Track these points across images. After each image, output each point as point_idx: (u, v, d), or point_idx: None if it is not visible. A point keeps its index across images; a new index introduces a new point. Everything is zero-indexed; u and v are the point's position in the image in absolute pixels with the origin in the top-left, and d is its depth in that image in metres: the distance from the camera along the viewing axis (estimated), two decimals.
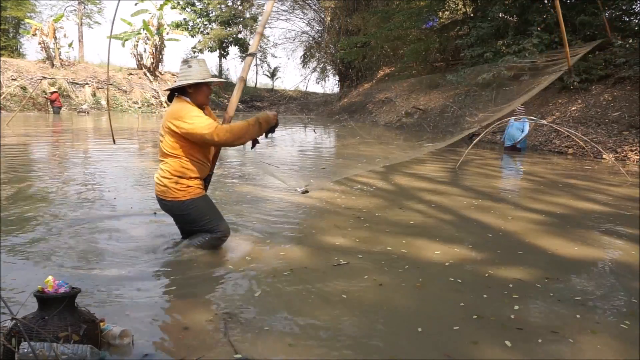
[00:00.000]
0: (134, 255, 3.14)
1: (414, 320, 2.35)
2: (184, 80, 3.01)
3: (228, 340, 2.08)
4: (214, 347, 2.04)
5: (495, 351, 2.09)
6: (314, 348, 2.08)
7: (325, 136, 15.90)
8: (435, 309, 2.52)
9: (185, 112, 2.95)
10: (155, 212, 4.12)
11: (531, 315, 2.44)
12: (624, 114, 10.27)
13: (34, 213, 4.10)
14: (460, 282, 2.84)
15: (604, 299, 2.71)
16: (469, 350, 2.10)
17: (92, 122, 17.18)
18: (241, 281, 2.80)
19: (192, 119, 2.90)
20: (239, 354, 1.97)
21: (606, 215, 4.74)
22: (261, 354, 2.02)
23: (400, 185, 6.13)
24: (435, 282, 2.87)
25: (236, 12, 32.07)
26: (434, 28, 20.01)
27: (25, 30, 28.76)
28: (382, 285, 2.76)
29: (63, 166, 7.05)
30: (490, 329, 2.27)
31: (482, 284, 2.83)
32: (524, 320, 2.36)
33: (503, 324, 2.32)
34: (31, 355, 1.69)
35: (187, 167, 3.03)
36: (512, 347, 2.11)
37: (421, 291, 2.72)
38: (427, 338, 2.19)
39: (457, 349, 2.10)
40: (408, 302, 2.58)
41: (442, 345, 2.13)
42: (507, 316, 2.41)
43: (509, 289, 2.75)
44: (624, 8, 12.52)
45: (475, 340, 2.16)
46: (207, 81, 3.05)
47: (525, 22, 13.36)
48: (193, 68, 3.01)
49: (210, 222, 3.15)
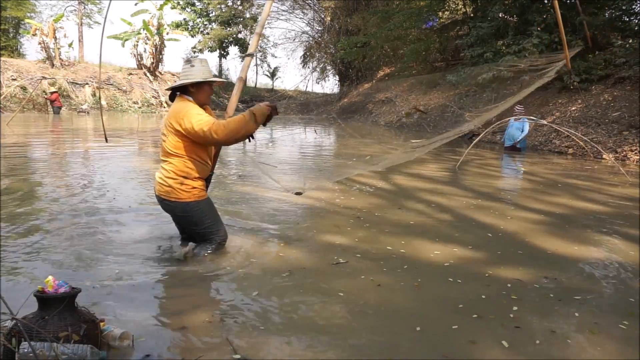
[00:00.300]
0: (134, 256, 3.14)
1: (412, 320, 2.35)
2: (186, 80, 3.02)
3: (227, 340, 2.09)
4: (213, 348, 2.04)
5: (494, 351, 2.09)
6: (313, 347, 2.08)
7: (324, 136, 15.90)
8: (434, 309, 2.52)
9: (187, 110, 2.95)
10: (151, 213, 4.14)
11: (530, 315, 2.44)
12: (624, 114, 10.27)
13: (33, 213, 4.10)
14: (459, 282, 2.84)
15: (603, 299, 2.72)
16: (467, 350, 2.10)
17: (92, 122, 17.18)
18: (241, 281, 2.80)
19: (193, 117, 2.91)
20: (238, 354, 1.97)
21: (606, 215, 4.74)
22: (260, 353, 2.02)
23: (400, 185, 6.13)
24: (433, 281, 2.87)
25: (236, 12, 32.08)
26: (434, 28, 20.00)
27: (25, 30, 28.77)
28: (381, 285, 2.76)
29: (62, 166, 7.05)
30: (489, 329, 2.28)
31: (481, 283, 2.83)
32: (522, 320, 2.37)
33: (502, 323, 2.33)
34: (31, 355, 1.69)
35: (190, 167, 3.04)
36: (510, 347, 2.12)
37: (419, 291, 2.73)
38: (425, 338, 2.20)
39: (456, 349, 2.10)
40: (407, 302, 2.59)
41: (440, 345, 2.14)
42: (506, 316, 2.41)
43: (508, 288, 2.75)
44: (624, 8, 12.52)
45: (473, 340, 2.17)
46: (208, 80, 3.06)
47: (525, 22, 13.36)
48: (195, 67, 3.03)
49: (211, 226, 3.16)
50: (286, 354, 2.03)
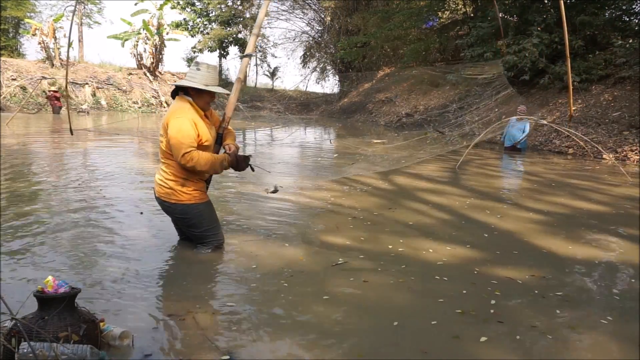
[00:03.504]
0: (134, 255, 3.14)
1: (393, 317, 2.37)
2: (184, 82, 2.99)
3: (216, 345, 2.08)
4: (213, 348, 2.04)
5: (473, 345, 2.12)
6: (314, 347, 2.08)
7: (324, 137, 15.89)
8: (420, 306, 2.55)
9: (178, 113, 2.91)
10: (142, 212, 4.15)
11: (511, 311, 2.47)
12: (624, 114, 10.27)
13: (33, 213, 4.10)
14: (445, 279, 2.85)
15: (588, 295, 2.76)
16: (449, 345, 2.13)
17: (91, 122, 17.17)
18: (240, 281, 2.80)
19: (181, 132, 2.86)
20: (227, 356, 1.97)
21: (605, 215, 4.74)
22: (259, 353, 2.02)
23: (400, 185, 6.13)
24: (425, 280, 2.88)
25: (236, 12, 32.04)
26: (434, 28, 20.00)
27: (25, 30, 28.75)
28: (375, 283, 2.77)
29: (62, 166, 7.05)
30: (469, 324, 2.31)
31: (468, 281, 2.86)
32: (504, 316, 2.40)
33: (483, 319, 2.36)
34: (31, 355, 1.69)
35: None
36: (489, 341, 2.15)
37: (409, 288, 2.73)
38: (402, 333, 2.22)
39: (435, 344, 2.13)
40: (397, 300, 2.59)
41: (420, 340, 2.16)
42: (487, 311, 2.44)
43: (493, 285, 2.78)
44: (624, 8, 12.52)
45: (456, 335, 2.20)
46: (205, 89, 2.99)
47: (525, 22, 13.36)
48: (200, 72, 2.98)
49: (209, 230, 3.16)
50: (285, 354, 2.03)
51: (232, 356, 1.97)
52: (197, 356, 1.98)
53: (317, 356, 2.02)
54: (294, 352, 2.06)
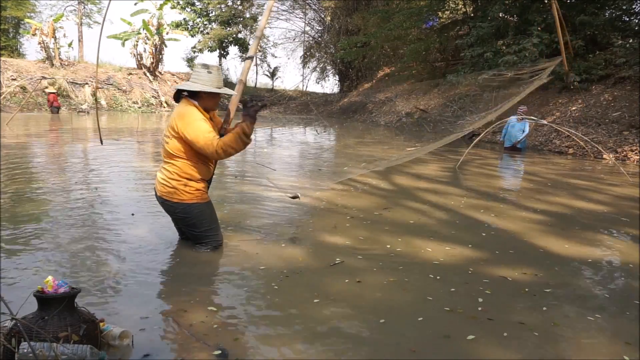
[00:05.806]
0: (133, 255, 3.14)
1: (383, 316, 2.37)
2: (198, 86, 2.98)
3: (215, 344, 2.08)
4: (212, 348, 2.04)
5: (461, 343, 2.13)
6: (312, 348, 2.08)
7: (323, 136, 15.89)
8: (411, 305, 2.55)
9: (189, 118, 2.92)
10: (133, 213, 4.13)
11: (500, 309, 2.49)
12: (624, 114, 10.28)
13: (33, 213, 4.10)
14: (438, 278, 2.88)
15: (576, 292, 2.77)
16: (439, 343, 2.14)
17: (91, 122, 17.17)
18: (239, 281, 2.80)
19: (195, 130, 2.88)
20: (218, 350, 1.97)
21: (605, 215, 4.74)
22: (254, 352, 2.03)
23: (400, 185, 6.13)
24: (419, 279, 2.89)
25: (236, 12, 32.05)
26: (434, 28, 20.00)
27: (25, 30, 28.78)
28: (369, 283, 2.77)
29: (61, 166, 7.05)
30: (458, 321, 2.33)
31: (462, 280, 2.87)
32: (492, 313, 2.41)
33: (472, 316, 2.38)
34: (31, 356, 1.69)
35: (194, 169, 3.04)
36: (477, 338, 2.16)
37: (403, 288, 2.74)
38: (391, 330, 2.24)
39: (425, 342, 2.15)
40: (389, 300, 2.60)
41: (408, 338, 2.17)
42: (476, 309, 2.46)
43: (484, 284, 2.79)
44: (624, 8, 12.52)
45: (447, 334, 2.20)
46: (210, 91, 2.99)
47: (525, 22, 13.36)
48: (211, 75, 2.99)
49: (209, 230, 3.17)
50: (283, 354, 2.03)
51: (224, 351, 1.98)
52: (197, 356, 1.98)
53: (311, 356, 2.02)
54: (291, 352, 2.06)
